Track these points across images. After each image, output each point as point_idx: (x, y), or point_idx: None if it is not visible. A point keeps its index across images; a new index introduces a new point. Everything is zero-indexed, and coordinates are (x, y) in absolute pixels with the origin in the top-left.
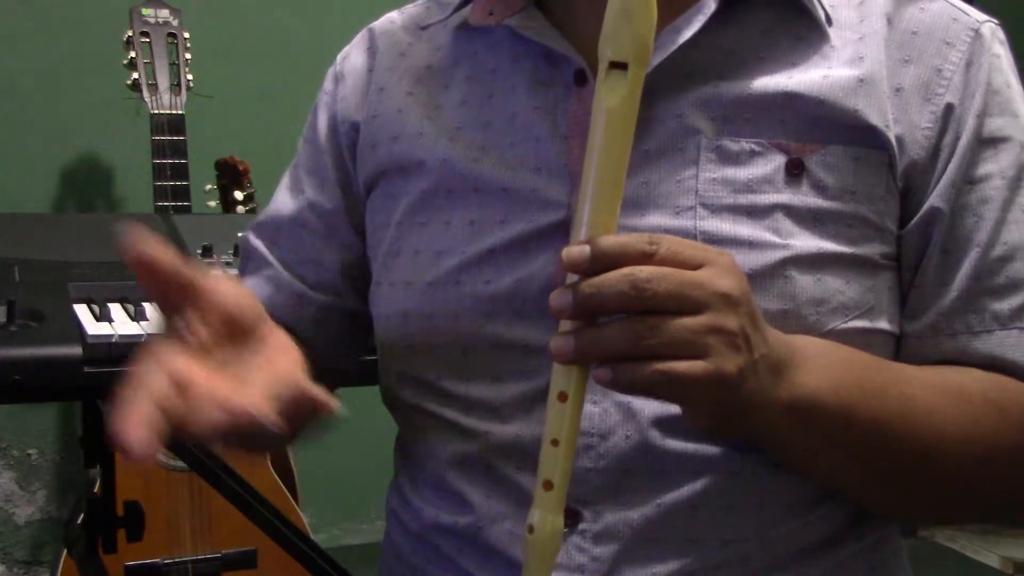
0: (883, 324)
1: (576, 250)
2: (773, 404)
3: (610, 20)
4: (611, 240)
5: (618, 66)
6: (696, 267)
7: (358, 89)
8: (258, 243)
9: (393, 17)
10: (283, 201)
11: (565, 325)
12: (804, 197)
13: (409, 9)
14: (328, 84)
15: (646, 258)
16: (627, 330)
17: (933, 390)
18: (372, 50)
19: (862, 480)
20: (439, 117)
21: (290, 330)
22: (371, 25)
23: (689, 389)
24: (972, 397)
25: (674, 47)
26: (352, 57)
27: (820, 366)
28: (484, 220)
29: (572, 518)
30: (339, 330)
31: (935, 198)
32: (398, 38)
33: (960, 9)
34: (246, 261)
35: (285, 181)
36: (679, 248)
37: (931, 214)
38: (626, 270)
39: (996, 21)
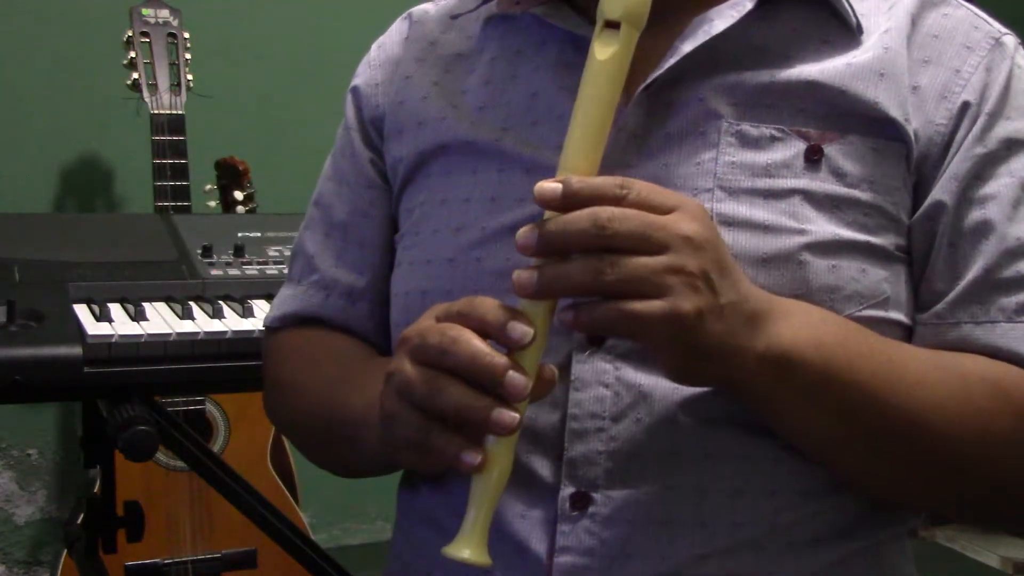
0: (897, 315)
1: (549, 185)
2: (748, 352)
3: None
4: (583, 180)
5: (612, 25)
6: (666, 212)
7: (388, 76)
8: (309, 244)
9: (427, 7)
10: (328, 193)
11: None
12: (822, 183)
13: None
14: (362, 68)
15: (616, 200)
16: (587, 266)
17: (927, 362)
18: (406, 38)
19: (847, 446)
20: (463, 102)
21: (346, 331)
22: (409, 11)
23: (646, 327)
24: (969, 375)
25: (706, 38)
26: (387, 44)
27: (804, 323)
28: (504, 197)
29: (582, 501)
30: (387, 318)
31: (938, 191)
32: (429, 28)
33: (983, 19)
34: (293, 262)
35: (326, 171)
36: (649, 193)
37: (935, 207)
38: (591, 209)
39: (1015, 36)
